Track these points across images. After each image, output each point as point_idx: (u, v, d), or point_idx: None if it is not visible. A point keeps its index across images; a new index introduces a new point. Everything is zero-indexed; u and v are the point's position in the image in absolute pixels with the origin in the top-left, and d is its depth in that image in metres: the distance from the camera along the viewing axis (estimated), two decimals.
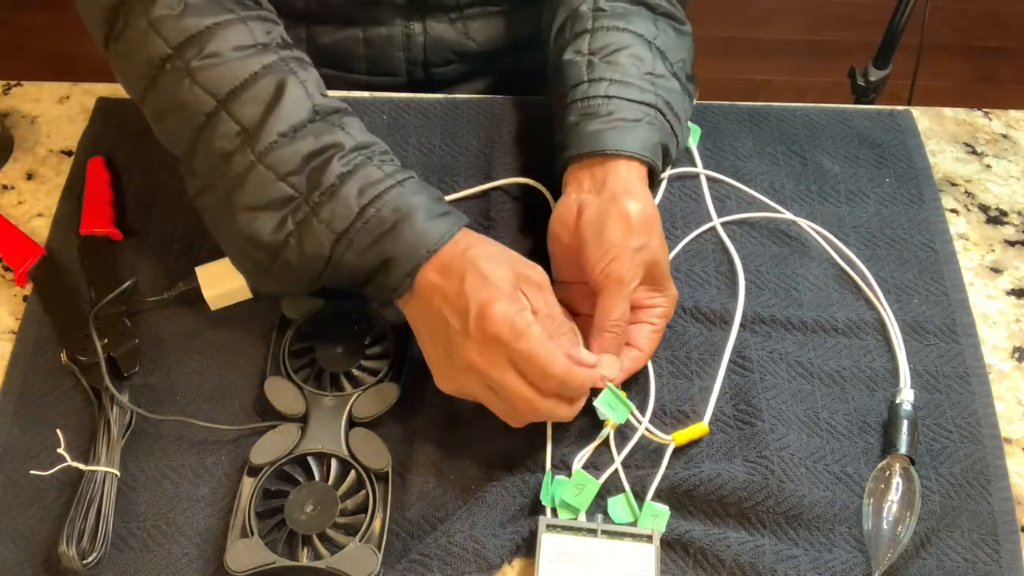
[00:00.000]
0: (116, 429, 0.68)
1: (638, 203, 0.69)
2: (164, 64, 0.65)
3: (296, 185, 0.64)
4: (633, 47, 0.76)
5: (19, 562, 0.64)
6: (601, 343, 0.67)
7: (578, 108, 0.74)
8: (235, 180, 0.65)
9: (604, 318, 0.67)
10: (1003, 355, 0.76)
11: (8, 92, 0.90)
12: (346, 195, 0.64)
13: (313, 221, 0.64)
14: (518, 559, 0.65)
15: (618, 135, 0.72)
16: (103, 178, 0.81)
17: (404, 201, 0.64)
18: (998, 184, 0.86)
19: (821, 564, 0.65)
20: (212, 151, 0.65)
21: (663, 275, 0.70)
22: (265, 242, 0.65)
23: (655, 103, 0.75)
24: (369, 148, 0.67)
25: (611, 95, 0.74)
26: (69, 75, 0.94)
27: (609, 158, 0.72)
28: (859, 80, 1.41)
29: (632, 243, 0.68)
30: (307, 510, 0.64)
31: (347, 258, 0.64)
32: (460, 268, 0.63)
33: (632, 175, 0.72)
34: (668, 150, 0.76)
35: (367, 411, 0.69)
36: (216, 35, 0.65)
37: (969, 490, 0.68)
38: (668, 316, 0.71)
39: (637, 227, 0.68)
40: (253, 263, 0.67)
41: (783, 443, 0.69)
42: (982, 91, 2.12)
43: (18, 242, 0.78)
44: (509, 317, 0.61)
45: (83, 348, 0.71)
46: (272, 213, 0.64)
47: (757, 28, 2.23)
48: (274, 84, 0.66)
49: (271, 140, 0.64)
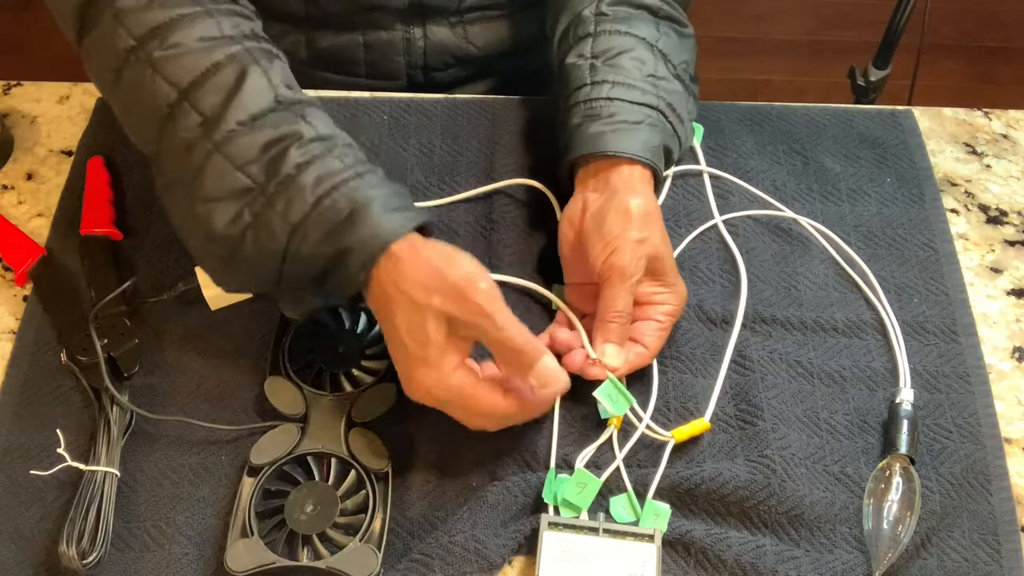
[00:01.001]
0: (116, 429, 0.68)
1: (638, 198, 0.70)
2: (128, 56, 0.64)
3: (253, 175, 0.62)
4: (635, 50, 0.76)
5: (19, 562, 0.64)
6: (604, 333, 0.68)
7: (580, 110, 0.75)
8: (194, 172, 0.63)
9: (607, 309, 0.68)
10: (1003, 355, 0.76)
11: (8, 92, 0.90)
12: (302, 185, 0.62)
13: (269, 212, 0.62)
14: (519, 557, 0.65)
15: (620, 137, 0.72)
16: (103, 178, 0.81)
17: (362, 193, 0.62)
18: (998, 184, 0.86)
19: (822, 564, 0.65)
20: (175, 144, 0.63)
21: (666, 270, 0.70)
22: (222, 235, 0.63)
23: (657, 105, 0.75)
24: (330, 140, 0.65)
25: (613, 97, 0.74)
26: (69, 75, 0.94)
27: (612, 160, 0.72)
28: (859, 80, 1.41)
29: (632, 235, 0.68)
30: (307, 510, 0.64)
31: (303, 250, 0.62)
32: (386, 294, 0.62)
33: (635, 176, 0.72)
34: (670, 151, 0.76)
35: (367, 411, 0.69)
36: (181, 26, 0.64)
37: (969, 490, 0.68)
38: (675, 315, 0.71)
39: (637, 220, 0.69)
40: (216, 259, 0.65)
41: (784, 443, 0.69)
42: (982, 91, 2.12)
43: (18, 242, 0.78)
44: (425, 387, 0.62)
45: (83, 348, 0.71)
46: (229, 204, 0.62)
47: (757, 28, 2.23)
48: (235, 73, 0.64)
49: (229, 129, 0.62)
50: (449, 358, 0.62)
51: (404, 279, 0.61)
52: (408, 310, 0.61)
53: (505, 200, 0.82)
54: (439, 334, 0.61)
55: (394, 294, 0.62)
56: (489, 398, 0.63)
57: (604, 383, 0.68)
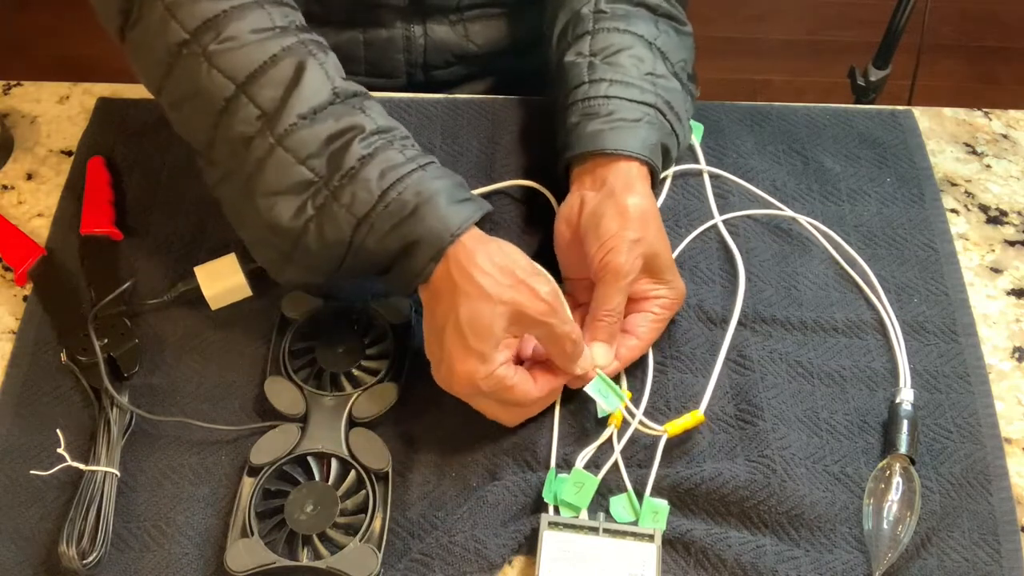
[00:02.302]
0: (116, 429, 0.68)
1: (635, 197, 0.70)
2: (181, 50, 0.64)
3: (316, 168, 0.63)
4: (634, 48, 0.76)
5: (19, 562, 0.64)
6: (594, 331, 0.69)
7: (579, 108, 0.75)
8: (255, 165, 0.63)
9: (598, 307, 0.69)
10: (1003, 355, 0.76)
11: (8, 92, 0.90)
12: (366, 178, 0.63)
13: (333, 205, 0.63)
14: (519, 557, 0.65)
15: (618, 135, 0.72)
16: (103, 178, 0.81)
17: (426, 185, 0.63)
18: (998, 184, 0.86)
19: (822, 564, 0.65)
20: (232, 137, 0.64)
21: (664, 267, 0.70)
22: (285, 228, 0.63)
23: (655, 103, 0.75)
24: (390, 132, 0.66)
25: (611, 95, 0.74)
26: (69, 75, 0.94)
27: (610, 158, 0.72)
28: (859, 80, 1.41)
29: (629, 235, 0.68)
30: (307, 510, 0.64)
31: (368, 243, 0.63)
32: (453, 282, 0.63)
33: (632, 174, 0.72)
34: (668, 150, 0.76)
35: (367, 411, 0.69)
36: (233, 18, 0.64)
37: (969, 490, 0.68)
38: (672, 308, 0.72)
39: (634, 220, 0.69)
40: (275, 251, 0.66)
41: (784, 443, 0.69)
42: (982, 91, 2.12)
43: (18, 242, 0.78)
44: (472, 380, 0.63)
45: (83, 348, 0.71)
46: (292, 198, 0.63)
47: (757, 28, 2.23)
48: (293, 66, 0.64)
49: (291, 122, 0.63)
50: (501, 353, 0.64)
51: (478, 270, 0.62)
52: (477, 300, 0.62)
53: (505, 200, 0.82)
54: (499, 328, 0.62)
55: (464, 284, 0.62)
56: (524, 388, 0.65)
57: (594, 379, 0.68)
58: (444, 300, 0.63)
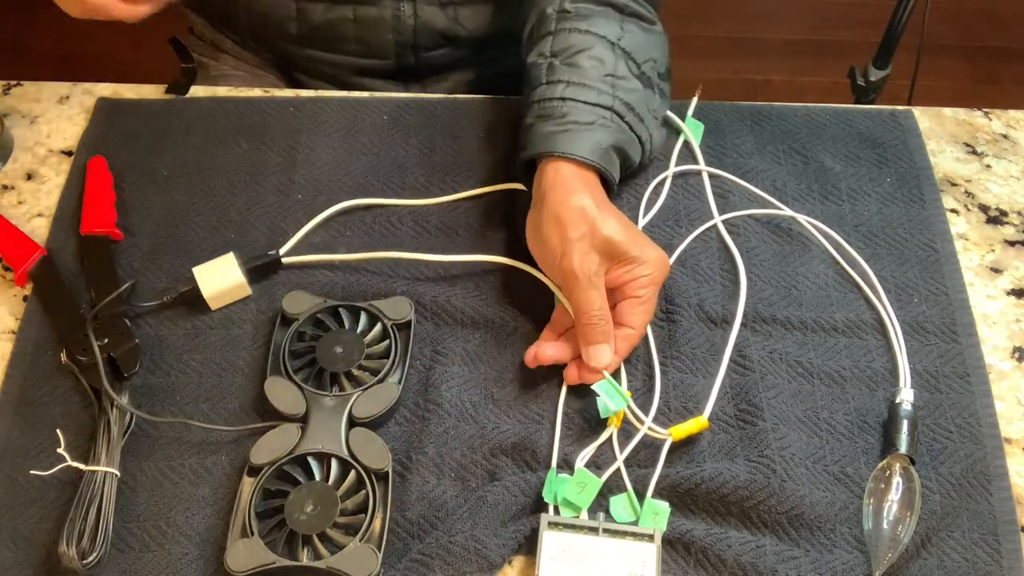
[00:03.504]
0: (116, 429, 0.68)
1: (571, 196, 0.70)
2: None
3: None
4: (594, 48, 0.76)
5: (19, 562, 0.64)
6: (587, 337, 0.69)
7: (535, 110, 0.76)
8: None
9: (581, 313, 0.69)
10: (1003, 355, 0.76)
11: (8, 92, 0.90)
12: None
13: None
14: (519, 557, 0.65)
15: (568, 138, 0.73)
16: (103, 178, 0.81)
17: None
18: (998, 184, 0.86)
19: (822, 564, 0.65)
20: None
21: (625, 248, 0.70)
22: None
23: (611, 105, 0.75)
24: None
25: (567, 97, 0.74)
26: (69, 75, 0.94)
27: (554, 161, 0.73)
28: (859, 80, 1.40)
29: (572, 235, 0.69)
30: (307, 510, 0.64)
31: None
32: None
33: (576, 176, 0.72)
34: (626, 153, 0.76)
35: (367, 411, 0.69)
36: None
37: (969, 490, 0.68)
38: (655, 282, 0.71)
39: (570, 220, 0.69)
40: None
41: (784, 443, 0.69)
42: (982, 91, 2.12)
43: (18, 242, 0.78)
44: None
45: (83, 348, 0.71)
46: None
47: (757, 28, 2.23)
48: None
49: None
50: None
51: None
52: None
53: (505, 200, 0.82)
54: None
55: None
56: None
57: (602, 380, 0.68)
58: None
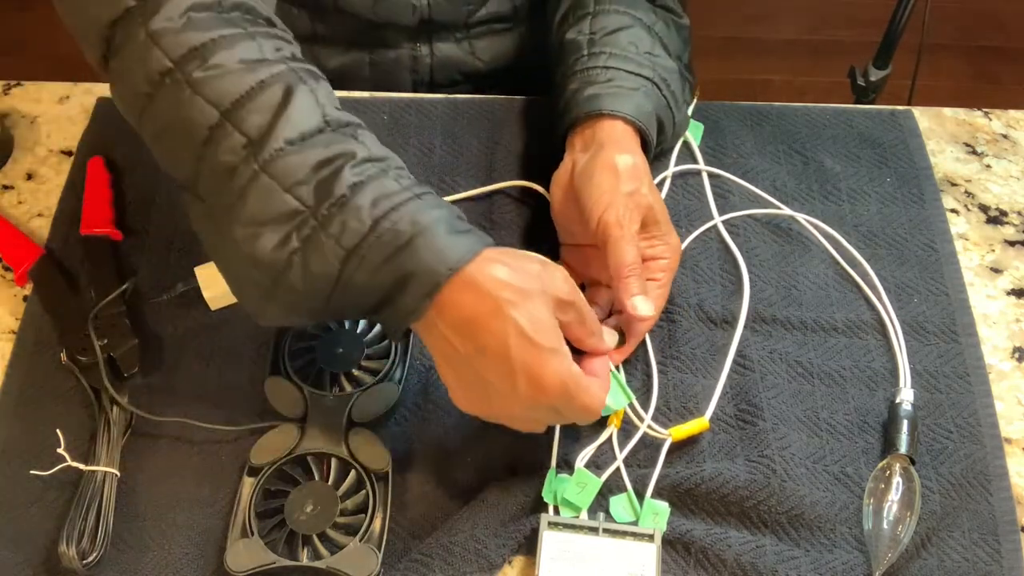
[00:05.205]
0: (116, 429, 0.68)
1: (625, 153, 0.71)
2: (164, 79, 0.59)
3: (303, 197, 0.57)
4: (633, 28, 0.79)
5: (19, 562, 0.64)
6: (626, 290, 0.67)
7: (578, 78, 0.77)
8: (237, 194, 0.57)
9: (619, 266, 0.68)
10: (1003, 355, 0.76)
11: (8, 92, 0.90)
12: (358, 206, 0.57)
13: (321, 236, 0.57)
14: (519, 557, 0.65)
15: (614, 99, 0.74)
16: (103, 178, 0.81)
17: (423, 214, 0.57)
18: (998, 184, 0.86)
19: (822, 564, 0.65)
20: (216, 168, 0.58)
21: (658, 220, 0.71)
22: (267, 261, 0.57)
23: (652, 77, 0.77)
24: (384, 161, 0.60)
25: (610, 66, 0.76)
26: (69, 75, 0.94)
27: (604, 119, 0.74)
28: (859, 80, 1.41)
29: (623, 188, 0.69)
30: (307, 510, 0.64)
31: (358, 277, 0.57)
32: (492, 300, 0.57)
33: (620, 131, 0.73)
34: (663, 123, 0.78)
35: (367, 411, 0.69)
36: (221, 47, 0.59)
37: (969, 490, 0.68)
38: (672, 269, 0.72)
39: (625, 174, 0.70)
40: (256, 288, 0.59)
41: (784, 443, 0.69)
42: (982, 91, 2.12)
43: (18, 242, 0.78)
44: (561, 380, 0.58)
45: (83, 348, 0.71)
46: (276, 227, 0.57)
47: (757, 28, 2.23)
48: (282, 91, 0.59)
49: (277, 147, 0.57)
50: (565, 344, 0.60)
51: (508, 276, 0.58)
52: (525, 302, 0.57)
53: (505, 201, 0.82)
54: (553, 319, 0.59)
55: (503, 294, 0.57)
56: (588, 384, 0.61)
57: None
58: (487, 321, 0.57)
